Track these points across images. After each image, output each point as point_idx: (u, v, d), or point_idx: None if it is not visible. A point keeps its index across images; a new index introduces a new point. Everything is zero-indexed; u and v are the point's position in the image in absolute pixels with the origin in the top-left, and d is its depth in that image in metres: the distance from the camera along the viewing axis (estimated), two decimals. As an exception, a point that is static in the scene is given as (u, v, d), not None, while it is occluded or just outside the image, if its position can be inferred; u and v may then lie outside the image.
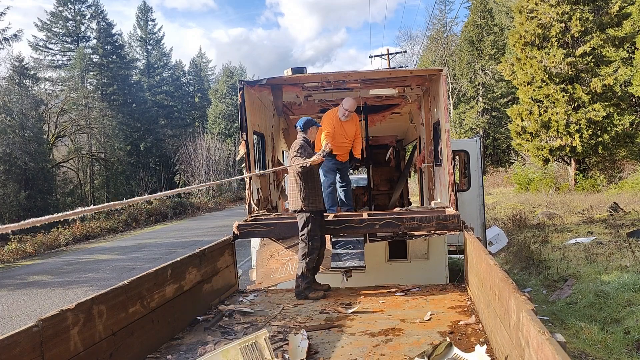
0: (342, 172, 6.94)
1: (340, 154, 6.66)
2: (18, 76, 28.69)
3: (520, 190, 24.95)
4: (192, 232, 19.47)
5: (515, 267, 9.34)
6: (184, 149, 40.19)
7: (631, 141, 21.25)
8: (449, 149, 5.42)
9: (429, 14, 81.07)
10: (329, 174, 6.70)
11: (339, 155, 6.65)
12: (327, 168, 6.66)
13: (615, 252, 8.80)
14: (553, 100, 21.44)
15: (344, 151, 6.70)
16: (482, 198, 8.66)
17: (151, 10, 53.25)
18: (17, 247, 16.61)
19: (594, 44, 20.71)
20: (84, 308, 3.02)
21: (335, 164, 6.73)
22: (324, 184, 6.78)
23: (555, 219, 14.15)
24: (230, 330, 3.99)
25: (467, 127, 38.08)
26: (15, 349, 2.49)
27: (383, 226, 5.10)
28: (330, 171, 6.70)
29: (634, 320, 5.43)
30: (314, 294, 4.90)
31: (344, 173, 6.98)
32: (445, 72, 5.78)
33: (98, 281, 10.41)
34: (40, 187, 26.09)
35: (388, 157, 11.44)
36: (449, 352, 3.08)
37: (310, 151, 5.19)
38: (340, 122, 6.47)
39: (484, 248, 3.92)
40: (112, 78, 39.85)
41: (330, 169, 6.70)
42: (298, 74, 6.07)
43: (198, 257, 4.57)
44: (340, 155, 6.69)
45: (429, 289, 5.08)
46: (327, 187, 6.68)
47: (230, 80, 56.86)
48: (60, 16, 40.31)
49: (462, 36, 42.19)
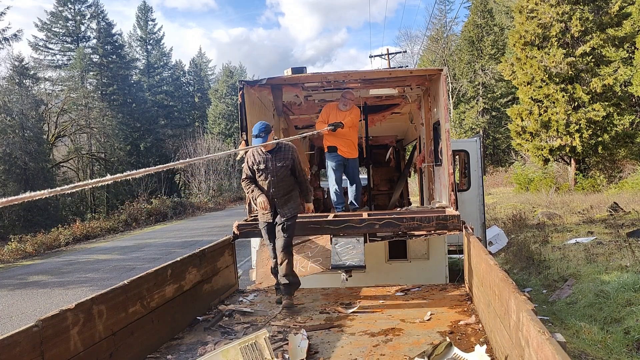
0: (350, 170, 6.82)
1: (341, 147, 6.57)
2: (18, 76, 28.70)
3: (520, 190, 24.95)
4: (192, 232, 19.46)
5: (515, 267, 9.34)
6: (184, 149, 40.15)
7: (631, 141, 21.25)
8: (449, 149, 5.42)
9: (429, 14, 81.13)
10: (335, 171, 6.70)
11: (340, 149, 6.57)
12: (332, 165, 6.68)
13: (615, 252, 8.80)
14: (553, 100, 21.44)
15: (344, 142, 6.56)
16: (482, 198, 8.66)
17: (151, 10, 53.23)
18: (17, 247, 16.61)
19: (594, 44, 20.71)
20: (84, 308, 3.02)
21: (340, 160, 6.64)
22: (329, 180, 6.83)
23: (555, 219, 14.15)
24: (230, 330, 3.99)
25: (467, 127, 38.08)
26: (15, 349, 2.49)
27: (383, 226, 5.10)
28: (336, 168, 6.69)
29: (634, 320, 5.43)
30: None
31: (352, 172, 6.86)
32: (445, 72, 5.78)
33: (98, 281, 10.41)
34: (40, 187, 25.87)
35: (388, 157, 11.45)
36: (449, 352, 3.08)
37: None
38: (337, 111, 6.51)
39: (484, 248, 3.92)
40: (112, 78, 39.83)
41: (336, 166, 6.68)
42: (298, 74, 6.07)
43: (198, 257, 4.57)
44: (342, 149, 6.58)
45: (429, 289, 5.08)
46: (332, 184, 6.73)
47: (230, 80, 56.86)
48: (60, 16, 40.28)
49: (462, 36, 42.19)
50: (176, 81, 54.31)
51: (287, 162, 4.82)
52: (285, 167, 4.80)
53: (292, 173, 4.91)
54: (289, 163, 4.83)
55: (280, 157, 4.81)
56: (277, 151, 4.84)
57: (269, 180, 4.76)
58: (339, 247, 5.09)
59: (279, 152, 4.84)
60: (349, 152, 6.66)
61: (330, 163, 6.70)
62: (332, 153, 6.61)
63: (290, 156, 4.87)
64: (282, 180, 4.80)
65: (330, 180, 6.78)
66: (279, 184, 4.80)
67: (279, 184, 4.79)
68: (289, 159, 4.84)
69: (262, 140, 4.65)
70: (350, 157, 6.70)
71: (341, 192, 6.81)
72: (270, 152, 4.81)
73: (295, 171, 4.92)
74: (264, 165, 4.81)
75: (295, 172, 4.93)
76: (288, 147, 4.91)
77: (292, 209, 4.83)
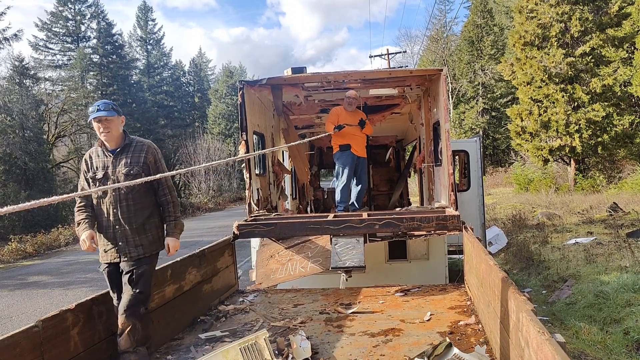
0: (359, 170, 7.01)
1: (354, 146, 6.79)
2: (18, 76, 28.69)
3: (519, 191, 24.95)
4: (192, 232, 19.44)
5: (515, 267, 9.34)
6: (184, 149, 40.15)
7: (631, 141, 21.26)
8: (448, 149, 5.42)
9: (429, 14, 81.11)
10: (348, 169, 6.82)
11: (353, 147, 6.78)
12: (345, 163, 6.81)
13: (615, 253, 8.80)
14: (553, 100, 21.45)
15: (356, 142, 6.81)
16: (481, 198, 8.66)
17: (151, 10, 53.25)
18: (17, 247, 16.60)
19: (593, 44, 20.73)
20: (84, 308, 3.03)
21: (353, 158, 6.83)
22: (341, 177, 6.89)
23: (555, 219, 14.15)
24: (230, 330, 3.99)
25: (466, 127, 38.08)
26: (15, 349, 2.50)
27: (383, 226, 5.10)
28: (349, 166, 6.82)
29: (633, 321, 5.43)
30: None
31: (361, 172, 7.05)
32: (445, 72, 5.79)
33: (98, 281, 10.40)
34: (40, 187, 26.06)
35: (388, 157, 11.45)
36: (449, 353, 3.08)
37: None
38: (346, 113, 6.78)
39: (483, 248, 3.92)
40: (112, 78, 39.82)
41: (350, 164, 6.81)
42: (298, 74, 6.08)
43: (198, 258, 4.57)
44: (355, 148, 6.81)
45: (428, 289, 5.08)
46: (342, 181, 6.84)
47: (230, 80, 56.84)
48: (60, 16, 40.29)
49: (462, 36, 42.19)
50: (176, 81, 54.31)
51: (139, 169, 3.25)
52: (136, 175, 3.21)
53: (150, 186, 3.34)
54: (142, 169, 3.26)
55: (129, 160, 3.26)
56: (125, 151, 3.29)
57: (109, 198, 3.20)
58: (338, 248, 5.08)
59: (127, 153, 3.29)
60: (361, 151, 6.92)
61: (343, 161, 6.84)
62: (346, 151, 6.80)
63: (144, 160, 3.29)
64: (131, 199, 3.23)
65: (341, 179, 6.89)
66: (126, 203, 3.21)
67: (125, 204, 3.21)
68: (140, 164, 3.27)
69: (106, 114, 3.15)
70: (361, 155, 6.95)
71: (349, 192, 6.93)
72: (113, 152, 3.28)
73: (155, 183, 3.35)
74: (102, 173, 3.25)
75: (155, 184, 3.36)
76: (142, 145, 3.35)
77: (145, 246, 3.29)
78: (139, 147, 3.33)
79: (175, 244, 3.45)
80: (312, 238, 5.43)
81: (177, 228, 3.48)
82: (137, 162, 3.28)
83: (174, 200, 3.47)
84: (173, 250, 3.45)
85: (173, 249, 3.45)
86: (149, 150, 3.35)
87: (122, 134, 3.32)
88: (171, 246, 3.44)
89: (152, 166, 3.33)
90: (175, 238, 3.46)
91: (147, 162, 3.32)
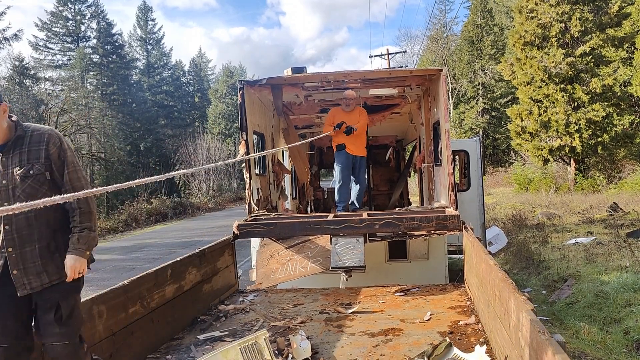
0: (357, 169, 7.00)
1: (348, 145, 6.76)
2: (18, 76, 28.72)
3: (519, 191, 24.96)
4: (192, 232, 19.46)
5: (515, 267, 9.34)
6: (184, 149, 40.17)
7: (631, 141, 21.27)
8: (448, 149, 5.42)
9: (429, 14, 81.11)
10: (343, 168, 6.82)
11: (347, 147, 6.75)
12: (340, 162, 6.81)
13: (615, 252, 8.80)
14: (553, 100, 21.46)
15: (350, 141, 6.77)
16: (481, 198, 8.67)
17: (151, 10, 53.29)
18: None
19: (593, 44, 20.74)
20: (84, 308, 3.02)
21: (348, 157, 6.81)
22: (338, 177, 6.90)
23: (555, 219, 14.16)
24: (230, 330, 3.99)
25: (466, 127, 38.09)
26: (16, 349, 2.49)
27: (383, 226, 5.10)
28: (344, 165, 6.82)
29: (633, 321, 5.43)
30: None
31: (359, 171, 7.05)
32: (445, 72, 5.79)
33: (98, 281, 10.39)
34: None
35: (388, 157, 11.45)
36: (449, 352, 3.08)
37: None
38: (342, 113, 6.77)
39: (483, 248, 3.93)
40: (112, 78, 39.87)
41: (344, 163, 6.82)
42: (298, 74, 6.08)
43: (198, 257, 4.57)
44: (350, 147, 6.77)
45: (428, 289, 5.08)
46: (339, 180, 6.84)
47: (230, 80, 56.88)
48: (60, 16, 40.32)
49: (462, 36, 42.21)
50: (176, 81, 54.35)
51: (40, 167, 2.43)
52: (37, 176, 2.43)
53: (52, 187, 2.48)
54: (45, 167, 2.45)
55: (25, 157, 2.43)
56: (18, 145, 2.44)
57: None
58: (338, 247, 5.09)
59: (22, 148, 2.44)
60: (358, 150, 6.88)
61: (338, 160, 6.86)
62: (341, 151, 6.79)
63: (46, 154, 2.46)
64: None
65: (337, 178, 6.92)
66: (24, 216, 2.36)
67: (23, 217, 2.37)
68: (41, 160, 2.44)
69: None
70: (358, 154, 6.91)
71: (347, 191, 6.92)
72: (2, 148, 2.43)
73: (58, 182, 2.51)
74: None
75: (59, 183, 2.51)
76: (41, 134, 2.49)
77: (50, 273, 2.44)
78: (36, 137, 2.46)
79: (75, 263, 2.43)
80: (312, 238, 5.43)
81: (82, 242, 2.48)
82: (36, 157, 2.42)
83: (82, 206, 2.49)
84: (74, 273, 2.43)
85: (73, 272, 2.43)
86: (51, 140, 2.47)
87: (10, 124, 2.44)
88: (70, 267, 2.42)
89: (62, 160, 2.49)
90: (77, 256, 2.44)
91: (49, 157, 2.45)
